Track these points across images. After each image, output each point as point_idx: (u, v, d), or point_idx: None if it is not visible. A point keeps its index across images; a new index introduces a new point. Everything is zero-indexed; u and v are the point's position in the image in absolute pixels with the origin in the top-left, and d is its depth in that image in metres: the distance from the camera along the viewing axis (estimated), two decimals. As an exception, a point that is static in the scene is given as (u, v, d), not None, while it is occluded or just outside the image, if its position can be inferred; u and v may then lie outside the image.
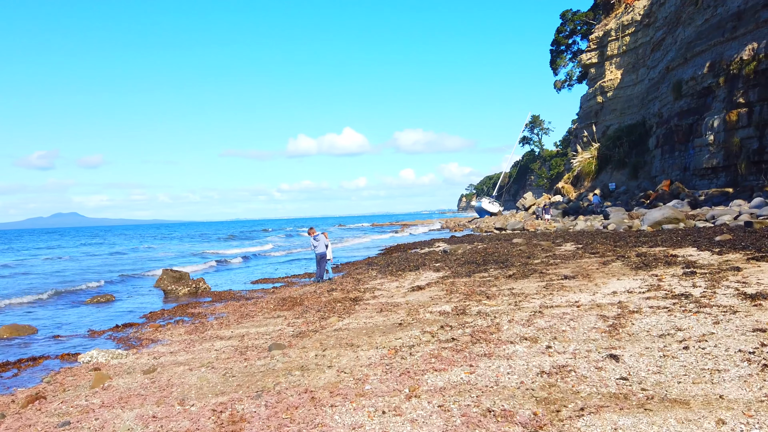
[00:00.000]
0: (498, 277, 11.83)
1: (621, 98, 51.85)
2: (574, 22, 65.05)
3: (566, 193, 49.99)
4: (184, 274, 16.52)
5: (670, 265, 10.78)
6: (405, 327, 7.60)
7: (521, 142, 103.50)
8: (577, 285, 9.58)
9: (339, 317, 8.96)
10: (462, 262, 15.88)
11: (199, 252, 39.13)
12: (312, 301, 11.28)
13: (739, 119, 29.89)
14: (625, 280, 9.60)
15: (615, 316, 6.78)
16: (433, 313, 8.32)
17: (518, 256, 15.89)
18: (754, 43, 29.68)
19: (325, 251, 15.42)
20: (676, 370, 4.65)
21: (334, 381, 5.45)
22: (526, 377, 4.87)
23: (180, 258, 33.51)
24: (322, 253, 15.35)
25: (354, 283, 13.71)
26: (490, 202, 65.10)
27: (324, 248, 15.35)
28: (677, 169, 36.21)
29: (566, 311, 7.37)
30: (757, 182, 28.09)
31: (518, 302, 8.47)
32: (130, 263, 30.50)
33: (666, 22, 42.62)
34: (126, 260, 33.44)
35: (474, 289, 10.31)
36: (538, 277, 11.25)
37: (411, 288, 11.66)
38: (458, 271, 13.67)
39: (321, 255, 15.37)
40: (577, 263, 12.92)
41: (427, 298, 10.00)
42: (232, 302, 12.76)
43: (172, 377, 6.47)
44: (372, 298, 10.85)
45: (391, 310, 9.05)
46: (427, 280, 12.92)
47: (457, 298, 9.64)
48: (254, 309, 11.15)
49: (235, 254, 33.17)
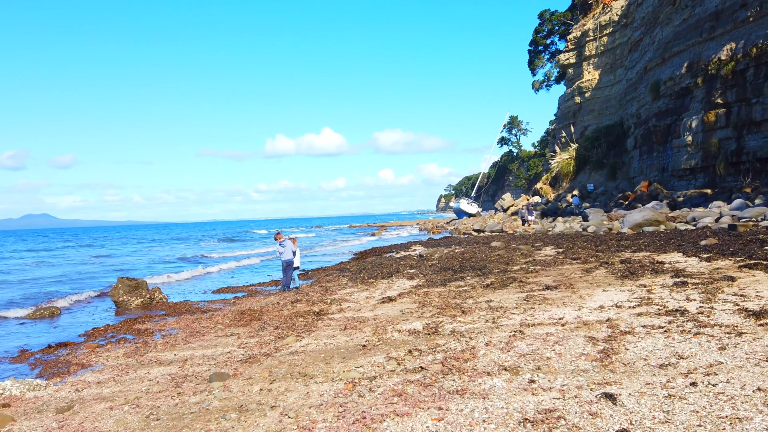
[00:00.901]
0: (475, 286, 10.96)
1: (599, 99, 51.86)
2: (552, 22, 65.08)
3: (545, 194, 49.75)
4: (141, 282, 15.26)
5: (657, 273, 10.07)
6: (369, 351, 6.65)
7: (500, 143, 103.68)
8: (560, 297, 8.76)
9: (297, 336, 7.96)
10: (438, 268, 15.01)
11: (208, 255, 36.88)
12: (272, 315, 10.25)
13: (718, 120, 29.78)
14: (611, 291, 8.82)
15: (605, 338, 5.94)
16: (401, 333, 7.38)
17: (496, 261, 15.10)
18: (732, 43, 29.60)
19: (292, 258, 14.38)
20: (687, 418, 3.80)
21: (273, 430, 4.46)
22: (506, 427, 3.96)
23: (187, 263, 31.97)
24: (289, 260, 14.32)
25: (321, 292, 12.70)
26: (469, 203, 64.61)
27: (291, 255, 14.31)
28: (655, 170, 36.08)
29: (550, 331, 6.52)
30: (735, 183, 27.96)
31: (496, 318, 7.60)
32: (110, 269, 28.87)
33: (644, 23, 42.61)
34: (115, 264, 31.75)
35: (449, 302, 9.42)
36: (518, 286, 10.42)
37: (381, 299, 10.72)
38: (433, 279, 12.78)
39: (287, 262, 14.33)
40: (559, 270, 12.15)
41: (398, 312, 9.07)
42: (186, 316, 11.63)
43: (86, 419, 5.39)
44: (338, 312, 9.87)
45: (356, 328, 8.08)
46: (400, 289, 12.00)
47: (429, 312, 8.73)
48: (208, 325, 10.07)
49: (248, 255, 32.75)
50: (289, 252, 14.26)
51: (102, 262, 34.69)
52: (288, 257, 14.27)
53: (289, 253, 14.26)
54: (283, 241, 14.55)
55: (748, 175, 27.79)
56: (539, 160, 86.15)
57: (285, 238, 14.84)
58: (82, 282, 22.23)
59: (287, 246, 14.35)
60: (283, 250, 14.30)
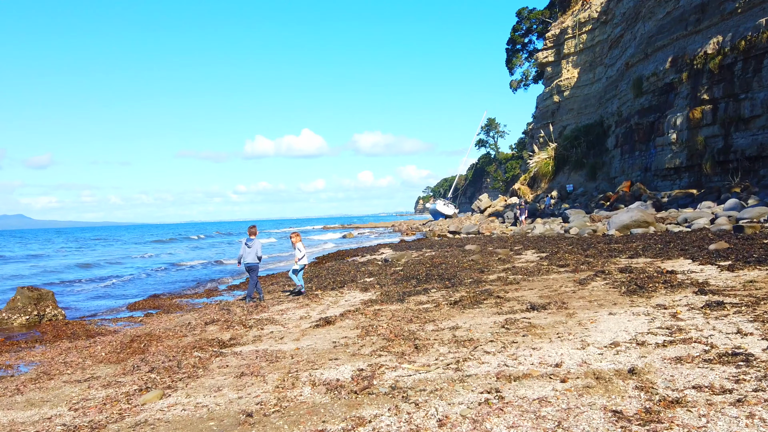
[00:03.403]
0: (440, 303, 8.48)
1: (578, 97, 50.33)
2: (531, 20, 63.55)
3: (523, 195, 47.88)
4: (46, 293, 12.36)
5: (673, 287, 7.77)
6: (252, 427, 4.08)
7: (477, 145, 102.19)
8: (551, 323, 6.35)
9: (168, 388, 5.34)
10: (400, 277, 12.51)
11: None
12: (165, 345, 7.57)
13: (704, 117, 28.12)
14: (620, 314, 6.45)
15: (641, 414, 3.50)
16: (318, 387, 4.82)
17: (470, 269, 12.69)
18: (719, 36, 27.96)
19: (257, 263, 11.47)
20: None
21: None
22: None
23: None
24: (251, 264, 11.50)
25: (250, 308, 10.03)
26: (445, 204, 62.49)
27: (255, 258, 11.36)
28: (638, 170, 34.39)
29: (544, 392, 4.06)
30: (723, 183, 26.26)
31: (462, 361, 5.11)
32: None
33: (624, 18, 41.10)
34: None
35: (401, 328, 6.91)
36: (494, 304, 7.99)
37: (318, 321, 8.15)
38: (390, 292, 10.26)
39: (249, 266, 11.56)
40: (545, 282, 9.78)
41: (329, 345, 6.52)
42: (63, 343, 8.83)
43: None
44: (252, 341, 7.25)
45: (258, 374, 5.50)
46: (347, 305, 9.46)
47: (371, 345, 6.21)
48: (75, 359, 7.33)
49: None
50: (253, 254, 11.38)
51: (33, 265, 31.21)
52: (250, 260, 11.39)
53: (252, 255, 11.38)
54: (250, 239, 11.72)
55: (736, 175, 26.12)
56: (516, 162, 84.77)
57: (258, 235, 11.79)
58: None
59: (254, 246, 11.44)
60: (249, 251, 11.42)
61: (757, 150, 24.98)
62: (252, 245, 11.45)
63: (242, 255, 11.47)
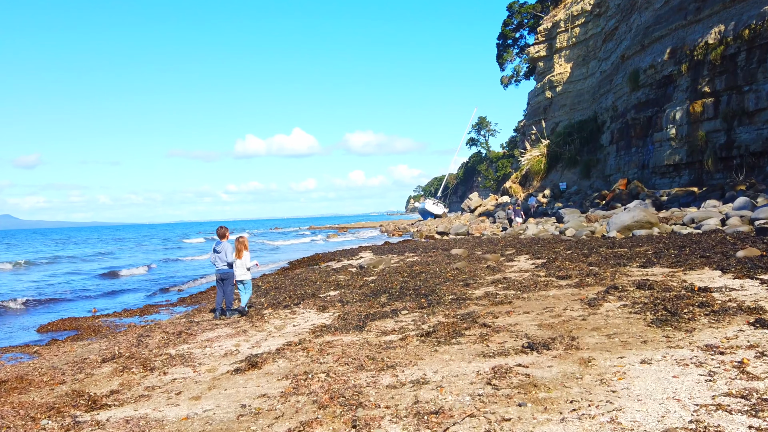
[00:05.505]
0: (407, 336, 6.41)
1: (571, 93, 48.59)
2: (522, 14, 61.77)
3: (514, 194, 46.06)
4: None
5: (716, 313, 5.79)
6: None
7: (468, 144, 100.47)
8: (559, 378, 4.34)
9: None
10: (369, 291, 10.44)
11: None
12: (26, 398, 5.43)
13: (705, 110, 26.36)
14: (658, 362, 4.45)
15: None
16: None
17: (453, 280, 10.65)
18: (720, 25, 26.18)
19: (231, 270, 9.33)
20: None
21: None
22: None
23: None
24: (224, 271, 9.37)
25: (168, 337, 7.89)
26: (435, 204, 60.54)
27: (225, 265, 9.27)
28: (634, 167, 32.63)
29: None
30: (726, 180, 24.50)
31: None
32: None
33: (619, 10, 39.36)
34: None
35: (346, 381, 4.84)
36: (479, 338, 5.96)
37: (243, 360, 6.07)
38: (350, 314, 8.18)
39: (222, 274, 9.38)
40: (544, 300, 7.77)
41: (233, 413, 4.44)
42: None
43: None
44: (134, 400, 5.11)
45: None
46: (291, 334, 7.38)
47: (291, 418, 4.14)
48: None
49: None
50: (223, 260, 9.22)
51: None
52: (221, 267, 9.31)
53: (222, 262, 9.23)
54: (220, 243, 9.55)
55: (740, 171, 24.36)
56: (508, 161, 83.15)
57: (228, 239, 9.61)
58: None
59: (223, 250, 9.31)
60: (217, 256, 9.33)
61: (763, 145, 23.20)
62: (221, 249, 9.34)
63: (215, 261, 9.44)
